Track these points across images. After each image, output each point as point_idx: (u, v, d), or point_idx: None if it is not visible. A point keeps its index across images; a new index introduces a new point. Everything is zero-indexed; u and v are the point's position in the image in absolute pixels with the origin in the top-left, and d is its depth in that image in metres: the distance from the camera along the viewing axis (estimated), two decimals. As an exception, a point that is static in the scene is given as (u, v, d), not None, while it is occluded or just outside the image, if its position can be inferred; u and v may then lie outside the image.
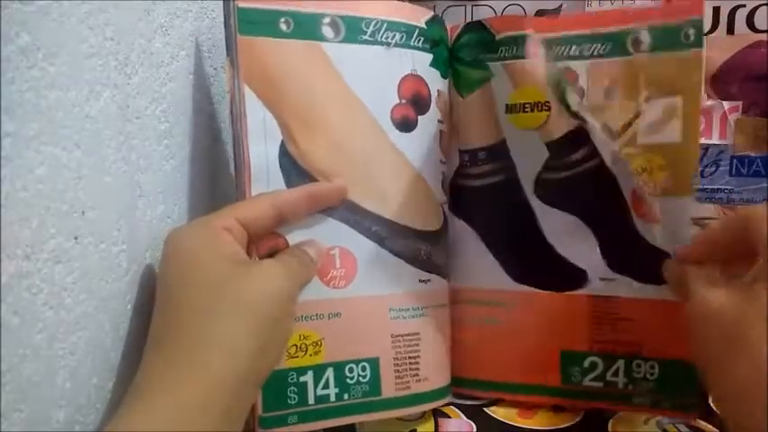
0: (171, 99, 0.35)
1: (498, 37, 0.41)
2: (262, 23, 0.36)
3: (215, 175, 0.44)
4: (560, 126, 0.40)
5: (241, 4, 0.35)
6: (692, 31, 0.37)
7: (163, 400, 0.26)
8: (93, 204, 0.27)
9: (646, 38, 0.38)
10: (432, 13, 0.40)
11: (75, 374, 0.26)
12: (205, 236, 0.31)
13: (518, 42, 0.40)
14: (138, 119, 0.31)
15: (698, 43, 0.37)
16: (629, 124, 0.38)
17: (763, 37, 0.47)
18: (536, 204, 0.42)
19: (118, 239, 0.29)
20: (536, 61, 0.40)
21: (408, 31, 0.39)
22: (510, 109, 0.41)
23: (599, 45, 0.39)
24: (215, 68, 0.44)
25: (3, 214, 0.21)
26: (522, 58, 0.40)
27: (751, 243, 0.31)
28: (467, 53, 0.42)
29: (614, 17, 0.39)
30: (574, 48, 0.39)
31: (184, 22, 0.37)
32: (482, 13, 0.52)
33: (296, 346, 0.37)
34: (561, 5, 0.51)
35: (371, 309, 0.38)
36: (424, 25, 0.40)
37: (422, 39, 0.40)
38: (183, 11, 0.37)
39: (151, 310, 0.30)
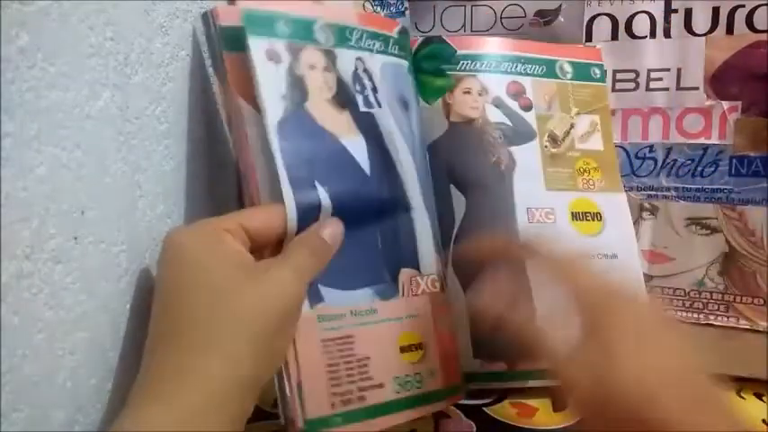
0: (171, 99, 0.35)
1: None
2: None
3: (215, 175, 0.44)
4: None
5: (223, 23, 0.34)
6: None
7: (163, 406, 0.26)
8: (93, 204, 0.27)
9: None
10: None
11: (76, 374, 0.26)
12: (207, 239, 0.30)
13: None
14: (138, 119, 0.31)
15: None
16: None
17: (762, 37, 0.47)
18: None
19: (118, 239, 0.29)
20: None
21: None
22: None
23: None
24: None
25: (3, 214, 0.21)
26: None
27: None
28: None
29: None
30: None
31: (184, 23, 0.37)
32: (482, 13, 0.52)
33: None
34: (560, 6, 0.51)
35: None
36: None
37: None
38: (182, 11, 0.37)
39: (150, 309, 0.30)
